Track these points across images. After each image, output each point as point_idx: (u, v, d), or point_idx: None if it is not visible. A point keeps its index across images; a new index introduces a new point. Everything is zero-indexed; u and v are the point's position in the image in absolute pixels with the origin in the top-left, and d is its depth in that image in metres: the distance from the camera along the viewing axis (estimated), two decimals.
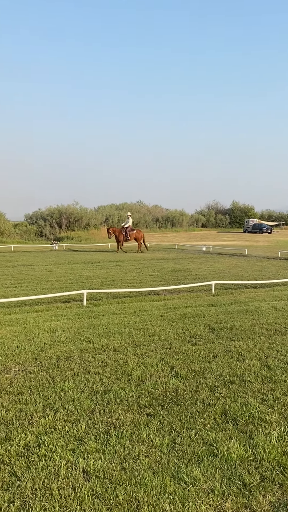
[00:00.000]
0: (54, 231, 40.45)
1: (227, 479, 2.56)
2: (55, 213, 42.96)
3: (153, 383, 4.09)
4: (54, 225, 41.58)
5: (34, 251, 23.94)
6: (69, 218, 42.67)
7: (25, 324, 6.42)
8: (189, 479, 2.55)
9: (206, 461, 2.74)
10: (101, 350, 5.19)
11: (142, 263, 16.29)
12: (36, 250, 24.86)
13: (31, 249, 26.03)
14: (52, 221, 41.96)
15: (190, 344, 5.47)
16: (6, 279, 11.68)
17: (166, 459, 2.78)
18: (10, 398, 3.71)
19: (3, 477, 2.55)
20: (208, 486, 2.50)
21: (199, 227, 58.97)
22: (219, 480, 2.55)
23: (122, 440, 3.01)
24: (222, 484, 2.52)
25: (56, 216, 42.56)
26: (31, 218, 44.88)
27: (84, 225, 43.08)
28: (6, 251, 23.90)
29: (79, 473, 2.62)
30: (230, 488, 2.49)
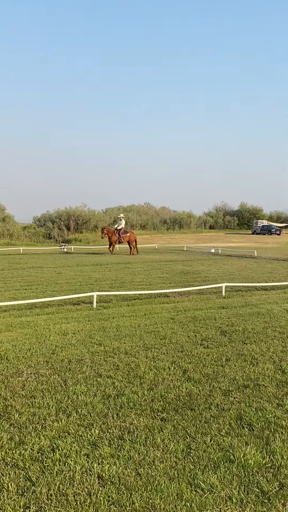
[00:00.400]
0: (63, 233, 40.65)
1: (245, 487, 2.51)
2: (63, 215, 43.19)
3: (165, 387, 4.05)
4: (63, 227, 41.80)
5: (42, 254, 24.05)
6: (77, 220, 42.86)
7: (36, 327, 6.43)
8: (206, 486, 2.51)
9: (223, 467, 2.70)
10: (112, 353, 5.16)
11: (151, 265, 16.26)
12: (45, 253, 24.98)
13: (40, 251, 26.16)
14: (60, 223, 42.18)
15: (202, 347, 5.42)
16: (16, 281, 11.73)
17: (181, 465, 2.74)
18: (23, 401, 3.70)
19: (18, 482, 2.54)
20: (225, 493, 2.45)
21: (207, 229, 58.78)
22: (236, 488, 2.50)
23: (136, 445, 2.98)
24: (240, 491, 2.47)
25: (64, 218, 42.78)
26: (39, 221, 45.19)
27: (92, 227, 43.23)
28: (16, 253, 24.06)
29: (94, 478, 2.59)
30: (248, 496, 2.44)
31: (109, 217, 48.02)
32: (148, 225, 52.82)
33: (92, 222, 43.37)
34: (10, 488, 2.46)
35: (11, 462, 2.75)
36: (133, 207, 56.38)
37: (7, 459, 2.78)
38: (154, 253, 23.85)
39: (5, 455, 2.82)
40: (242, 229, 60.98)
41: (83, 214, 43.50)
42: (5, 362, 4.72)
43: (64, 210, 44.12)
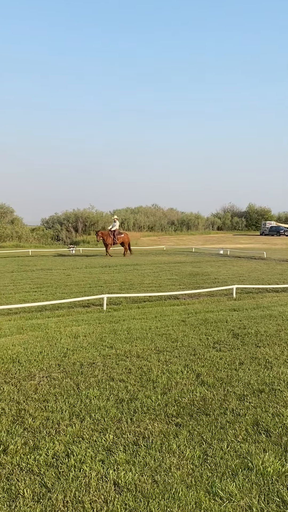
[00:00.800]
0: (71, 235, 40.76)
1: (265, 496, 2.45)
2: (71, 217, 43.33)
3: (179, 391, 4.00)
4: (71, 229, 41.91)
5: (51, 255, 24.13)
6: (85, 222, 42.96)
7: (47, 329, 6.42)
8: (225, 494, 2.45)
9: (241, 475, 2.64)
10: (124, 356, 5.13)
11: (160, 267, 16.20)
12: (53, 254, 25.05)
13: (48, 253, 26.26)
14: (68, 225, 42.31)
15: (214, 350, 5.35)
16: (26, 283, 11.77)
17: (198, 472, 2.69)
18: (36, 405, 3.68)
19: (33, 488, 2.51)
20: (245, 502, 2.39)
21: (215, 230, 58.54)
22: (256, 497, 2.44)
23: (151, 451, 2.93)
24: (260, 501, 2.41)
25: (72, 220, 42.91)
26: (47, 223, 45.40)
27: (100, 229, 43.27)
28: (24, 255, 24.18)
29: (110, 485, 2.55)
30: (268, 505, 2.38)
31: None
32: (156, 226, 52.76)
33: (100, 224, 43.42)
34: (26, 495, 2.44)
35: (26, 467, 2.72)
36: (141, 209, 56.36)
37: (22, 465, 2.75)
38: (162, 254, 23.78)
39: (20, 461, 2.79)
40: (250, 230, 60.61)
41: (91, 216, 43.58)
42: (17, 365, 4.71)
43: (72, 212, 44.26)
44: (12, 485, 2.52)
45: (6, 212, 41.21)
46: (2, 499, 2.41)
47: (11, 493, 2.46)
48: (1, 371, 4.52)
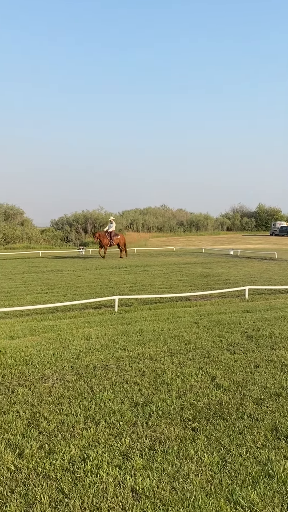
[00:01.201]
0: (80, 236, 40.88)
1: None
2: (81, 218, 43.45)
3: (194, 394, 3.93)
4: (80, 230, 42.04)
5: (61, 257, 24.21)
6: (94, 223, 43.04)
7: (59, 331, 6.40)
8: (246, 503, 2.38)
9: (262, 483, 2.57)
10: (137, 358, 5.08)
11: (170, 268, 16.14)
12: (63, 256, 25.14)
13: (58, 254, 26.36)
14: (77, 226, 42.45)
15: (228, 352, 5.28)
16: (37, 284, 11.80)
17: (218, 479, 2.62)
18: (50, 408, 3.65)
19: (50, 494, 2.47)
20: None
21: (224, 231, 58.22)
22: (278, 506, 2.37)
23: (169, 456, 2.88)
24: (283, 510, 2.33)
25: (82, 221, 43.04)
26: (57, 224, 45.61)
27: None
28: (35, 256, 24.31)
29: (127, 492, 2.50)
30: None
31: (125, 220, 48.11)
32: (165, 227, 52.67)
33: None
34: (42, 500, 2.40)
35: (42, 472, 2.69)
36: (150, 210, 56.32)
37: (38, 469, 2.72)
38: (172, 255, 23.70)
39: (36, 465, 2.76)
40: (260, 230, 60.14)
41: (100, 217, 43.65)
42: (30, 367, 4.69)
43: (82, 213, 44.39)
44: (29, 491, 2.49)
45: (16, 213, 41.53)
46: (19, 504, 2.37)
47: (28, 498, 2.42)
48: (14, 373, 4.50)
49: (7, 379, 4.34)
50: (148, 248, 30.73)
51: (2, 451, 2.92)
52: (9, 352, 5.22)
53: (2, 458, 2.82)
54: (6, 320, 7.36)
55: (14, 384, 4.21)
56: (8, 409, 3.61)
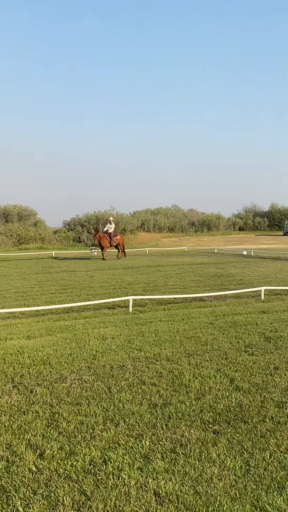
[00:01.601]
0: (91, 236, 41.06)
1: None
2: (92, 219, 43.62)
3: (213, 396, 3.88)
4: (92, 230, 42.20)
5: (73, 258, 24.32)
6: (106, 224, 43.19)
7: (75, 331, 6.40)
8: (272, 509, 2.33)
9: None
10: (153, 359, 5.04)
11: (183, 268, 16.06)
12: (76, 257, 25.26)
13: (71, 255, 26.49)
14: (89, 227, 42.63)
15: (246, 354, 5.20)
16: (51, 285, 11.86)
17: (242, 483, 2.57)
18: (69, 408, 3.63)
19: (73, 496, 2.45)
20: None
21: (236, 230, 57.75)
22: None
23: (191, 459, 2.83)
24: None
25: (93, 222, 43.20)
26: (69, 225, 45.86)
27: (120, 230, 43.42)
28: (48, 257, 24.47)
29: (150, 495, 2.47)
30: None
31: (136, 220, 48.10)
32: (176, 227, 52.49)
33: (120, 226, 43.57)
34: (65, 502, 2.38)
35: (64, 473, 2.67)
36: (161, 210, 56.21)
37: (59, 470, 2.70)
38: (184, 255, 23.59)
39: (57, 466, 2.75)
40: (272, 230, 59.47)
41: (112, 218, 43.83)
42: (48, 367, 4.70)
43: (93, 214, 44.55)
44: (51, 492, 2.47)
45: (29, 214, 41.91)
46: (42, 506, 2.36)
47: (50, 500, 2.41)
48: (33, 373, 4.51)
49: (26, 379, 4.35)
50: (159, 248, 30.67)
51: (23, 451, 2.91)
52: (27, 352, 5.24)
53: (23, 459, 2.82)
54: (22, 320, 7.40)
55: (32, 384, 4.21)
56: (27, 409, 3.61)
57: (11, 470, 2.69)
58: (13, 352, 5.24)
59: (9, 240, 33.26)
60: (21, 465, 2.75)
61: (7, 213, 40.88)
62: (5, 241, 32.75)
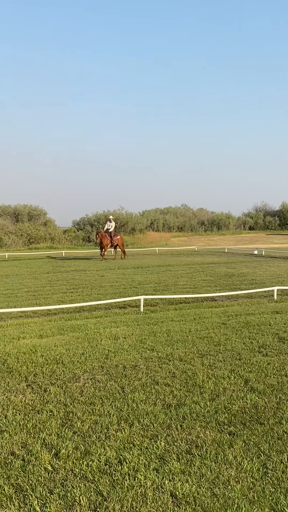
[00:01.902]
0: None
1: None
2: (102, 218, 43.72)
3: (228, 397, 3.84)
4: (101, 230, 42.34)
5: (83, 258, 24.40)
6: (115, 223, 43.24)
7: (87, 330, 6.41)
8: None
9: None
10: (166, 359, 5.02)
11: (193, 268, 15.99)
12: (86, 256, 25.34)
13: (81, 254, 26.59)
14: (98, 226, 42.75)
15: (260, 355, 5.14)
16: (62, 284, 11.91)
17: (260, 486, 2.53)
18: (83, 408, 3.63)
19: (89, 496, 2.44)
20: None
21: (247, 230, 57.33)
22: None
23: (207, 461, 2.80)
24: None
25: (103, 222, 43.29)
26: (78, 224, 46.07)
27: (129, 230, 43.47)
28: (58, 256, 24.61)
29: (167, 497, 2.44)
30: None
31: (146, 220, 48.09)
32: (186, 227, 52.33)
33: (129, 225, 43.62)
34: (82, 503, 2.37)
35: (80, 473, 2.67)
36: (170, 209, 56.09)
37: (75, 470, 2.70)
38: (194, 255, 23.50)
39: (72, 466, 2.74)
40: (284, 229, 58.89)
41: (121, 217, 43.81)
42: (61, 367, 4.70)
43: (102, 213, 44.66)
44: (67, 492, 2.46)
45: (40, 214, 42.17)
46: (59, 506, 2.35)
47: (67, 500, 2.40)
48: (46, 372, 4.52)
49: (39, 378, 4.36)
50: (169, 248, 30.61)
51: (38, 450, 2.92)
52: (39, 351, 5.26)
53: (39, 458, 2.82)
54: (34, 319, 7.44)
55: (46, 383, 4.22)
56: (42, 408, 3.62)
57: (27, 469, 2.70)
58: (26, 351, 5.27)
59: (20, 239, 33.54)
60: (37, 464, 2.75)
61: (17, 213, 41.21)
62: (16, 240, 33.04)
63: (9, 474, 2.65)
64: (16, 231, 34.45)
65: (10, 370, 4.60)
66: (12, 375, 4.44)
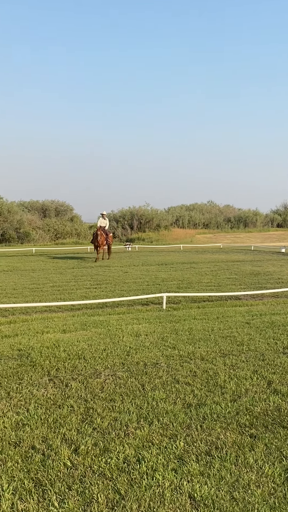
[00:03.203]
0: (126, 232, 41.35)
1: None
2: (127, 214, 43.90)
3: (250, 399, 3.76)
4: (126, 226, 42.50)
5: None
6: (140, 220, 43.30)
7: (109, 327, 6.45)
8: None
9: None
10: (187, 358, 4.97)
11: (218, 265, 15.79)
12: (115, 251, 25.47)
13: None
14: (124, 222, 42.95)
15: (285, 356, 5.01)
16: (86, 280, 12.04)
17: (281, 492, 2.46)
18: (103, 404, 3.65)
19: (107, 494, 2.45)
20: None
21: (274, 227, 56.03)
22: None
23: (226, 463, 2.75)
24: None
25: (128, 218, 43.47)
26: None
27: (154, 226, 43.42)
28: (83, 252, 24.91)
29: (185, 498, 2.42)
30: None
31: (171, 216, 47.90)
32: (211, 223, 51.74)
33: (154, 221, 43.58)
34: (100, 500, 2.38)
35: (98, 470, 2.68)
36: (196, 206, 55.61)
37: (94, 467, 2.71)
38: (219, 252, 23.21)
39: (91, 463, 2.76)
40: None
41: (146, 213, 43.84)
42: (83, 362, 4.75)
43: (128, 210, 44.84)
44: (85, 489, 2.48)
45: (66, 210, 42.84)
46: (76, 502, 2.37)
47: (85, 497, 2.42)
48: (68, 367, 4.58)
49: (61, 373, 4.42)
50: (194, 245, 30.35)
51: (58, 445, 2.95)
52: (62, 346, 5.33)
53: (58, 453, 2.85)
54: (58, 314, 7.56)
55: (67, 378, 4.27)
56: (63, 403, 3.66)
57: (47, 464, 2.73)
58: (50, 346, 5.35)
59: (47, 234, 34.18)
60: (56, 459, 2.79)
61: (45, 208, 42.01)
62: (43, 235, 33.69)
63: (29, 468, 2.69)
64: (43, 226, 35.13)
65: (33, 364, 4.68)
66: (35, 369, 4.52)
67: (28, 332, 6.14)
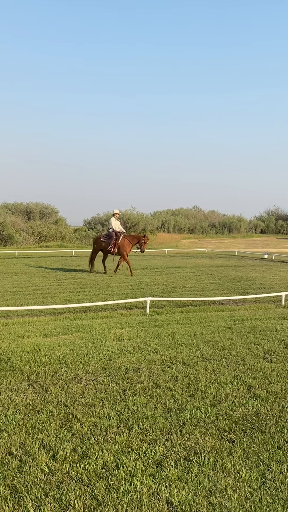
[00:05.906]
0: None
1: None
2: None
3: (230, 403, 3.79)
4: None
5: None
6: (126, 223, 43.28)
7: (91, 331, 6.41)
8: None
9: None
10: (169, 362, 4.99)
11: (202, 270, 15.90)
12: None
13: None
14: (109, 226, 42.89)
15: (265, 361, 5.08)
16: (69, 283, 11.96)
17: (257, 497, 2.49)
18: (83, 409, 3.62)
19: (84, 500, 2.43)
20: None
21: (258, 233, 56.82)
22: None
23: (205, 468, 2.77)
24: None
25: None
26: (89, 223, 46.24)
27: (140, 230, 43.47)
28: (68, 255, 24.72)
29: (162, 503, 2.42)
30: None
31: (157, 220, 48.05)
32: (197, 229, 52.12)
33: (140, 225, 43.64)
34: (76, 506, 2.36)
35: (76, 476, 2.66)
36: (181, 211, 55.94)
37: (71, 473, 2.69)
38: (204, 257, 23.38)
39: (69, 468, 2.73)
40: None
41: (132, 217, 43.84)
42: (64, 367, 4.71)
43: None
44: (62, 495, 2.46)
45: (51, 212, 42.45)
46: (53, 509, 2.35)
47: (62, 503, 2.39)
48: (48, 372, 4.53)
49: (41, 378, 4.37)
50: (179, 250, 30.50)
51: (36, 451, 2.92)
52: (43, 350, 5.27)
53: (36, 459, 2.82)
54: (40, 317, 7.48)
55: (48, 383, 4.23)
56: (42, 408, 3.62)
57: (24, 470, 2.70)
58: (30, 350, 5.29)
59: (31, 237, 33.80)
60: (33, 465, 2.75)
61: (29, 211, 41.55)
62: (26, 238, 33.30)
63: (6, 474, 2.65)
64: (27, 228, 34.73)
65: (13, 368, 4.62)
66: (14, 374, 4.46)
67: (8, 336, 6.05)
